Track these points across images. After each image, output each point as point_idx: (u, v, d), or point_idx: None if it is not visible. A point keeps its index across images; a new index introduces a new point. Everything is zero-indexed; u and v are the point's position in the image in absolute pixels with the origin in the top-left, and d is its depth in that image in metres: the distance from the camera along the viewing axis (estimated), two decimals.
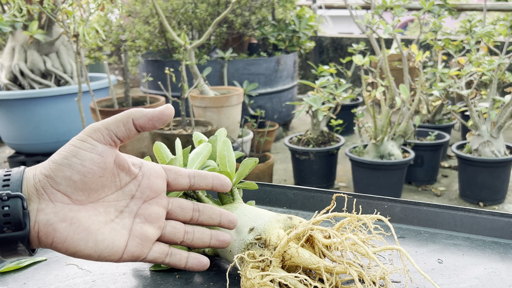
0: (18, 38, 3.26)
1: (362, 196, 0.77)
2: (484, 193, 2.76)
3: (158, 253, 0.55)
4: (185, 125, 2.79)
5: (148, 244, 0.53)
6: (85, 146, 0.49)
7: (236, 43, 4.23)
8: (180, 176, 0.55)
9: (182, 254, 0.56)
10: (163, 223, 0.55)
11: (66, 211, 0.48)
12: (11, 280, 0.62)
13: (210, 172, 0.57)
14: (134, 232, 0.52)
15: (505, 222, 0.70)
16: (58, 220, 0.48)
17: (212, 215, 0.57)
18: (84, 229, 0.49)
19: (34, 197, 0.48)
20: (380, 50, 2.92)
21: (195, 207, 0.57)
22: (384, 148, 2.78)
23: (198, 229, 0.57)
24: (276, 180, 3.26)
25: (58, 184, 0.48)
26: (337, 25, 9.20)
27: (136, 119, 0.51)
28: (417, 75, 3.12)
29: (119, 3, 2.48)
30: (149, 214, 0.53)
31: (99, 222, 0.50)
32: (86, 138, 0.49)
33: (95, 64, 5.81)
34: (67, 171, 0.48)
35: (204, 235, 0.57)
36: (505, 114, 2.69)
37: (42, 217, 0.47)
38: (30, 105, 3.09)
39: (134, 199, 0.53)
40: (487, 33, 3.12)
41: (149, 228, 0.53)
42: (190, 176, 0.56)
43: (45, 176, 0.48)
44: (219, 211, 0.57)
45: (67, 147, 0.49)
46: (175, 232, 0.55)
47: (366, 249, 0.50)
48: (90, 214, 0.50)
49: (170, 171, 0.55)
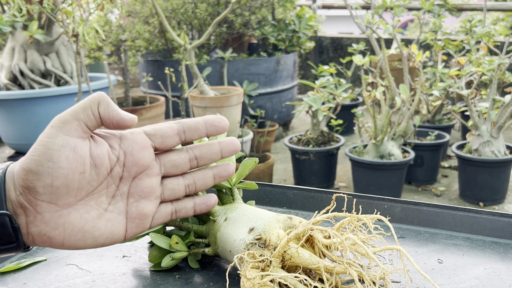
0: (18, 38, 3.26)
1: (362, 196, 0.77)
2: (484, 193, 2.76)
3: (162, 218, 0.52)
4: None
5: (148, 219, 0.51)
6: (57, 145, 0.45)
7: (236, 43, 4.23)
8: (167, 138, 0.50)
9: (188, 206, 0.54)
10: (159, 190, 0.52)
11: (56, 218, 0.46)
12: (11, 280, 0.62)
13: (201, 120, 0.52)
14: (131, 214, 0.50)
15: (505, 222, 0.70)
16: (50, 229, 0.46)
17: (211, 155, 0.53)
18: (78, 230, 0.47)
19: (20, 211, 0.45)
20: (380, 50, 2.92)
21: (190, 156, 0.52)
22: (384, 148, 2.78)
23: (198, 176, 0.53)
24: (276, 180, 3.26)
25: (40, 195, 0.45)
26: (337, 25, 9.20)
27: (101, 108, 0.47)
28: (417, 75, 3.12)
29: (119, 3, 2.48)
30: (141, 190, 0.50)
31: (93, 218, 0.48)
32: (55, 134, 0.45)
33: (95, 64, 5.81)
34: (46, 179, 0.44)
35: (206, 180, 0.54)
36: (505, 114, 2.69)
37: (33, 229, 0.46)
38: (30, 105, 3.09)
39: (123, 180, 0.50)
40: (487, 33, 3.12)
41: (145, 204, 0.51)
42: (180, 133, 0.51)
43: (25, 188, 0.45)
44: (218, 147, 0.53)
45: (38, 150, 0.45)
46: (174, 192, 0.53)
47: (366, 249, 0.50)
48: (82, 212, 0.47)
49: (155, 136, 0.50)
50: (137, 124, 0.52)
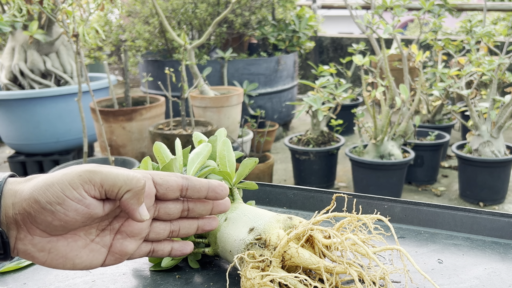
0: (18, 38, 3.26)
1: (362, 196, 0.77)
2: (484, 193, 2.76)
3: (139, 255, 0.54)
4: (185, 125, 2.79)
5: (127, 256, 0.53)
6: (73, 196, 0.46)
7: (236, 43, 4.23)
8: (170, 191, 0.52)
9: (165, 249, 0.56)
10: (146, 232, 0.54)
11: (44, 243, 0.47)
12: (11, 280, 0.62)
13: (206, 184, 0.54)
14: (114, 249, 0.52)
15: (505, 222, 0.70)
16: (36, 250, 0.47)
17: (202, 211, 0.55)
18: (61, 256, 0.48)
19: (13, 226, 0.46)
20: (380, 50, 2.92)
21: (184, 208, 0.55)
22: (384, 148, 2.77)
23: (184, 225, 0.56)
24: (276, 180, 3.26)
25: (38, 224, 0.46)
26: (337, 25, 9.20)
27: (126, 195, 0.48)
28: (417, 75, 3.12)
29: (119, 3, 2.48)
30: (131, 230, 0.52)
31: (78, 247, 0.49)
32: (77, 185, 0.46)
33: (95, 64, 5.81)
34: (48, 217, 0.45)
35: (190, 230, 0.56)
36: (505, 114, 2.69)
37: (20, 246, 0.47)
38: (30, 105, 3.09)
39: (117, 218, 0.52)
40: (487, 33, 3.12)
41: (129, 243, 0.52)
42: (183, 189, 0.53)
43: (25, 211, 0.45)
44: (210, 206, 0.55)
45: (55, 189, 0.45)
46: (159, 236, 0.55)
47: (366, 249, 0.50)
48: (69, 241, 0.49)
49: (160, 187, 0.52)
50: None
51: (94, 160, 2.77)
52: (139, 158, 2.99)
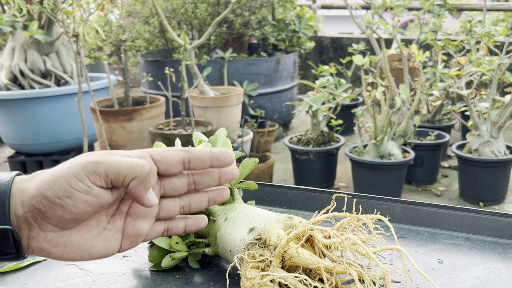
0: (18, 38, 3.26)
1: (362, 196, 0.77)
2: (484, 193, 2.76)
3: (154, 236, 0.54)
4: (185, 125, 2.79)
5: (142, 237, 0.53)
6: (81, 187, 0.46)
7: (236, 43, 4.23)
8: (172, 165, 0.51)
9: (179, 225, 0.55)
10: (156, 210, 0.53)
11: (58, 238, 0.47)
12: (11, 280, 0.62)
13: (208, 153, 0.52)
14: (127, 232, 0.52)
15: (505, 222, 0.70)
16: (51, 246, 0.47)
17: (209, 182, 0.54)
18: (77, 248, 0.49)
19: (24, 225, 0.46)
20: (380, 50, 2.92)
21: (190, 181, 0.54)
22: (384, 148, 2.78)
23: (194, 199, 0.55)
24: (276, 180, 3.26)
25: (49, 219, 0.46)
26: (337, 25, 9.20)
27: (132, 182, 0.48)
28: (417, 75, 3.12)
29: (119, 3, 2.48)
30: (140, 211, 0.52)
31: (92, 237, 0.49)
32: (83, 177, 0.46)
33: (95, 64, 5.81)
34: (58, 211, 0.45)
35: (201, 203, 0.55)
36: (505, 114, 2.69)
37: (34, 244, 0.47)
38: (30, 105, 3.09)
39: (124, 201, 0.52)
40: (487, 33, 3.12)
41: (141, 224, 0.52)
42: (185, 162, 0.51)
43: (35, 208, 0.45)
44: (217, 175, 0.54)
45: (62, 183, 0.45)
46: (170, 213, 0.54)
47: (366, 249, 0.50)
48: (82, 232, 0.49)
49: (160, 163, 0.51)
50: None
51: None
52: None
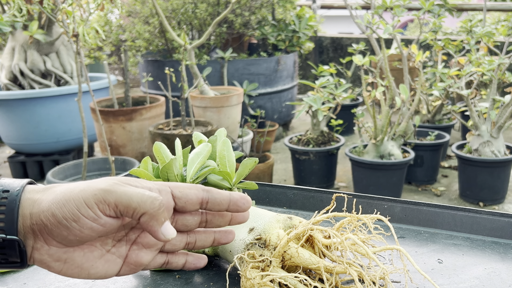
0: (18, 38, 3.26)
1: (362, 196, 0.77)
2: (484, 193, 2.76)
3: (153, 267, 0.54)
4: (185, 125, 2.79)
5: (142, 267, 0.53)
6: (88, 214, 0.45)
7: (236, 43, 4.23)
8: (190, 204, 0.51)
9: (179, 262, 0.55)
10: (162, 243, 0.53)
11: (60, 253, 0.47)
12: (11, 280, 0.62)
13: (227, 197, 0.52)
14: (129, 259, 0.52)
15: (505, 222, 0.70)
16: (52, 260, 0.47)
17: (220, 223, 0.54)
18: (77, 266, 0.48)
19: (30, 236, 0.46)
20: (380, 50, 2.92)
21: (202, 219, 0.54)
22: (384, 148, 2.77)
23: (200, 238, 0.55)
24: (276, 180, 3.26)
25: (54, 236, 0.46)
26: (337, 25, 9.20)
27: (143, 218, 0.47)
28: (417, 75, 3.12)
29: (119, 3, 2.47)
30: (147, 242, 0.52)
31: (94, 257, 0.49)
32: (92, 205, 0.45)
33: (95, 64, 5.81)
34: (64, 231, 0.45)
35: (206, 243, 0.55)
36: (505, 114, 2.69)
37: (36, 255, 0.47)
38: (30, 105, 3.09)
39: (134, 229, 0.52)
40: (487, 33, 3.12)
41: (145, 254, 0.52)
42: (203, 203, 0.51)
43: (43, 223, 0.45)
44: (229, 218, 0.54)
45: (71, 206, 0.45)
46: (174, 248, 0.54)
47: (366, 249, 0.50)
48: (86, 251, 0.49)
49: (179, 200, 0.50)
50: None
51: (94, 161, 2.77)
52: (139, 158, 2.99)
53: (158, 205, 0.47)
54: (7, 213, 0.45)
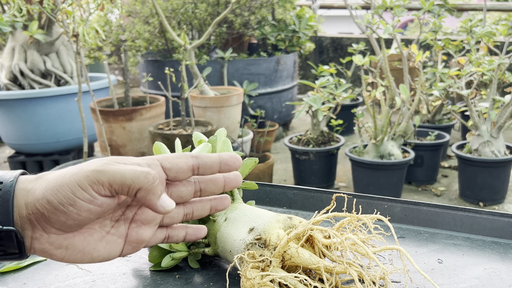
0: (18, 38, 3.26)
1: (362, 196, 0.77)
2: (484, 193, 2.76)
3: (155, 242, 0.54)
4: (185, 125, 2.79)
5: (144, 244, 0.53)
6: (84, 196, 0.45)
7: (236, 43, 4.23)
8: (181, 173, 0.51)
9: (180, 234, 0.56)
10: (160, 217, 0.54)
11: (61, 240, 0.47)
12: (11, 280, 0.62)
13: (217, 159, 0.52)
14: (130, 238, 0.52)
15: (505, 222, 0.70)
16: (53, 248, 0.47)
17: (215, 189, 0.55)
18: (79, 251, 0.49)
19: (27, 226, 0.46)
20: (380, 50, 2.92)
21: (196, 189, 0.54)
22: (384, 148, 2.77)
23: (197, 207, 0.55)
24: (276, 180, 3.26)
25: (52, 223, 0.46)
26: (337, 25, 9.20)
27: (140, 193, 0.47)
28: (417, 75, 3.12)
29: (119, 3, 2.47)
30: (145, 218, 0.52)
31: (95, 240, 0.49)
32: (86, 187, 0.45)
33: (95, 64, 5.81)
34: (61, 217, 0.45)
35: (204, 211, 0.56)
36: (505, 114, 2.69)
37: (37, 245, 0.47)
38: (30, 105, 3.09)
39: (130, 207, 0.52)
40: (487, 33, 3.12)
41: (145, 230, 0.52)
42: (194, 169, 0.51)
43: (39, 211, 0.45)
44: (222, 183, 0.54)
45: (66, 191, 0.45)
46: (173, 221, 0.55)
47: (366, 249, 0.50)
48: (86, 236, 0.49)
49: (170, 171, 0.51)
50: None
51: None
52: None
53: (152, 179, 0.47)
54: (2, 205, 0.45)
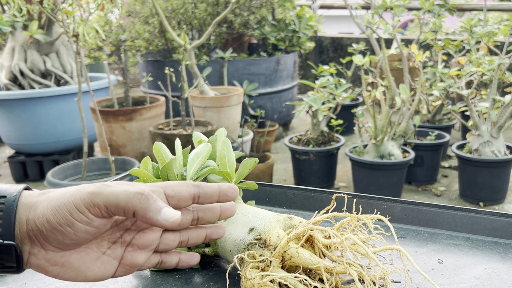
0: (18, 38, 3.26)
1: (362, 196, 0.77)
2: (484, 193, 2.76)
3: (147, 267, 0.55)
4: (185, 125, 2.79)
5: (137, 268, 0.54)
6: (81, 219, 0.46)
7: (236, 43, 4.23)
8: (183, 201, 0.52)
9: (173, 261, 0.56)
10: (156, 243, 0.54)
11: (57, 257, 0.48)
12: (11, 280, 0.62)
13: (217, 190, 0.54)
14: (124, 261, 0.52)
15: (505, 222, 0.70)
16: (49, 264, 0.48)
17: (211, 219, 0.56)
18: (74, 269, 0.49)
19: (26, 241, 0.47)
20: (380, 50, 2.92)
21: (194, 217, 0.55)
22: (384, 148, 2.77)
23: (193, 235, 0.56)
24: (276, 180, 3.26)
25: (50, 241, 0.47)
26: (337, 25, 9.20)
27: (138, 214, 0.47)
28: (417, 75, 3.12)
29: (119, 3, 2.48)
30: (142, 243, 0.53)
31: (90, 260, 0.50)
32: (83, 209, 0.46)
33: (95, 64, 5.81)
34: (59, 236, 0.46)
35: (199, 239, 0.57)
36: (505, 114, 2.68)
37: (33, 261, 0.48)
38: (30, 105, 3.09)
39: (128, 231, 0.53)
40: (487, 33, 3.12)
41: (140, 255, 0.53)
42: (195, 197, 0.53)
43: (38, 228, 0.46)
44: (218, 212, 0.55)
45: (64, 212, 0.46)
46: (168, 247, 0.55)
47: (366, 249, 0.50)
48: (82, 254, 0.49)
49: (172, 198, 0.51)
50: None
51: (94, 161, 2.77)
52: (139, 158, 2.99)
53: (145, 198, 0.47)
54: (5, 219, 0.45)
